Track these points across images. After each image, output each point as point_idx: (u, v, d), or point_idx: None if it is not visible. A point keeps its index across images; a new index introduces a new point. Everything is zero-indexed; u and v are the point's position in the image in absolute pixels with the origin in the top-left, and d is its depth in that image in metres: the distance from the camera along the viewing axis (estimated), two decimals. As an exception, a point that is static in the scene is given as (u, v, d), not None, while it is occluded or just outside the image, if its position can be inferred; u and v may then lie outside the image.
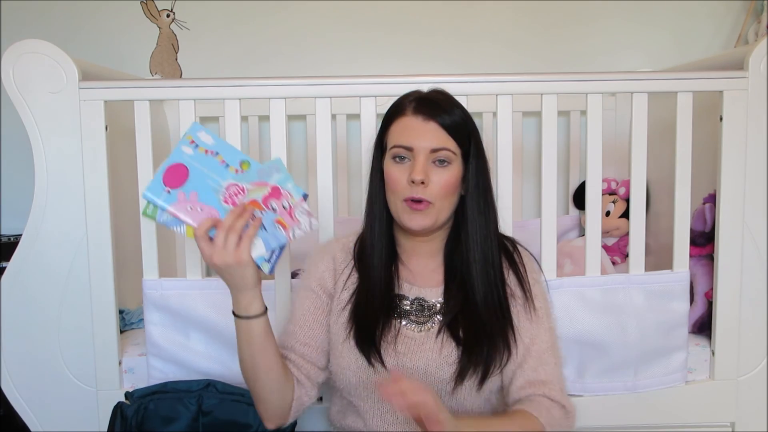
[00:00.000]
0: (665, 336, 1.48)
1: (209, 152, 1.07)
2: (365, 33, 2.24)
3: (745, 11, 2.20)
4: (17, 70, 1.39)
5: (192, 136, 1.07)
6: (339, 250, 1.27)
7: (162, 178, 1.05)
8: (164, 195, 1.04)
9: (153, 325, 1.46)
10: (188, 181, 1.05)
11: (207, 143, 1.07)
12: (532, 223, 2.14)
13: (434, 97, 1.18)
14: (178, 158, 1.06)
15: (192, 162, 1.06)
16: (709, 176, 1.56)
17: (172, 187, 1.04)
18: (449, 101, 1.18)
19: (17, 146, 2.16)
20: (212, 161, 1.07)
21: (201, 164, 1.07)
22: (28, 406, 1.48)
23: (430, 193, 1.13)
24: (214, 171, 1.08)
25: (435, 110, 1.14)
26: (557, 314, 1.44)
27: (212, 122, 2.22)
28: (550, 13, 2.24)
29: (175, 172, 1.05)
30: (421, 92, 1.20)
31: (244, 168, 1.09)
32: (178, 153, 1.06)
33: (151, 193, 1.05)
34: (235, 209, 1.05)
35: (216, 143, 1.08)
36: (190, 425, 1.29)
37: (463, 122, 1.16)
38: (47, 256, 1.44)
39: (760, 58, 1.43)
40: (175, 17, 2.22)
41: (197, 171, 1.06)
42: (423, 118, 1.14)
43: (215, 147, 1.08)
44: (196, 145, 1.07)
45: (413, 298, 1.20)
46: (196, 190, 1.06)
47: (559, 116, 1.47)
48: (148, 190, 1.05)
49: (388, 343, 1.16)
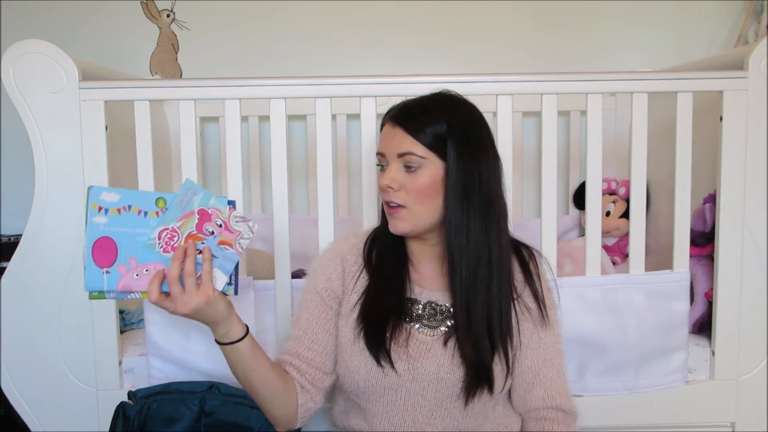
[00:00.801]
0: (665, 336, 1.48)
1: (122, 209, 1.00)
2: (365, 33, 2.24)
3: (745, 11, 2.20)
4: (17, 70, 1.39)
5: (96, 203, 0.99)
6: (349, 252, 1.25)
7: (93, 261, 0.98)
8: (105, 278, 0.99)
9: (153, 325, 1.46)
10: (119, 250, 0.99)
11: (114, 201, 1.00)
12: (532, 223, 2.14)
13: (411, 103, 1.15)
14: (95, 233, 0.99)
15: (111, 229, 1.00)
16: (709, 176, 1.56)
17: (108, 266, 0.99)
18: (426, 106, 1.13)
19: (17, 146, 2.16)
20: (130, 217, 1.01)
21: (121, 226, 1.00)
22: (28, 406, 1.48)
23: (403, 198, 1.12)
24: (137, 226, 1.01)
25: (403, 116, 1.12)
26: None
27: (212, 122, 2.22)
28: (550, 13, 2.24)
29: (102, 248, 0.99)
30: (409, 100, 1.18)
31: (161, 206, 1.03)
32: (94, 227, 0.99)
33: (92, 285, 0.99)
34: (177, 254, 1.01)
35: (122, 196, 1.01)
36: (192, 426, 1.29)
37: (437, 125, 1.10)
38: (47, 256, 1.44)
39: (760, 58, 1.43)
40: (175, 17, 2.22)
41: (122, 235, 1.00)
42: (392, 125, 1.14)
43: (124, 200, 1.01)
44: (105, 209, 0.99)
45: (425, 302, 1.19)
46: (132, 255, 1.00)
47: (559, 116, 1.47)
48: (88, 283, 0.99)
49: (399, 346, 1.15)
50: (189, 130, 1.43)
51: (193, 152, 1.44)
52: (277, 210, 1.46)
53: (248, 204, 2.16)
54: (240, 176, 1.44)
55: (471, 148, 1.11)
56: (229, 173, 1.44)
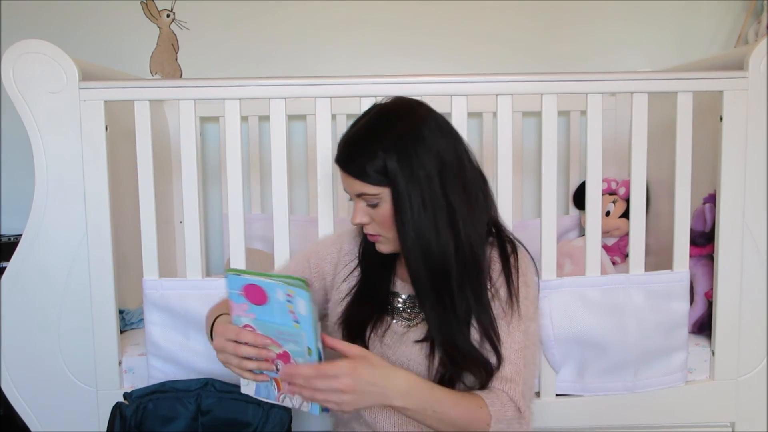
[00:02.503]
0: (665, 336, 1.48)
1: (292, 314, 0.99)
2: (365, 33, 2.24)
3: (745, 11, 2.20)
4: (17, 70, 1.39)
5: (293, 294, 0.98)
6: (348, 241, 1.28)
7: (244, 286, 0.99)
8: (235, 293, 1.01)
9: (153, 325, 1.46)
10: (259, 306, 1.00)
11: (299, 310, 0.99)
12: (532, 223, 2.14)
13: (348, 139, 1.13)
14: (269, 289, 0.99)
15: (274, 303, 1.00)
16: (709, 176, 1.56)
17: (245, 297, 1.01)
18: (361, 140, 1.10)
19: (17, 146, 2.16)
20: (288, 321, 1.00)
21: (277, 312, 1.00)
22: (28, 406, 1.48)
23: (375, 229, 1.14)
24: (281, 326, 1.01)
25: (344, 160, 1.11)
26: (557, 314, 1.45)
27: (212, 122, 2.22)
28: (550, 13, 2.24)
29: (256, 293, 1.00)
30: (347, 133, 1.14)
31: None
32: (272, 288, 0.99)
33: (229, 280, 1.00)
34: (258, 339, 1.02)
35: (305, 316, 0.99)
36: (189, 425, 1.29)
37: (375, 160, 1.07)
38: (47, 257, 1.44)
39: (760, 58, 1.43)
40: (175, 17, 2.22)
41: (270, 311, 1.01)
42: (340, 169, 1.13)
43: (302, 318, 0.99)
44: (290, 301, 0.98)
45: (406, 296, 1.21)
46: (255, 314, 1.02)
47: (559, 116, 1.47)
48: (229, 276, 1.00)
49: (377, 336, 1.17)
50: (189, 130, 1.43)
51: (193, 152, 1.44)
52: (277, 210, 1.46)
53: (248, 204, 2.16)
54: (240, 176, 1.44)
55: (413, 167, 1.06)
56: (229, 173, 1.44)
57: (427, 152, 1.07)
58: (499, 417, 1.08)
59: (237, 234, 1.46)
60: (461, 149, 1.13)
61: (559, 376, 1.49)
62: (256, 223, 2.13)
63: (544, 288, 1.46)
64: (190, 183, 1.44)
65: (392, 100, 1.14)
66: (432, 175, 1.07)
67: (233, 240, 1.46)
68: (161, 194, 1.95)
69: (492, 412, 1.07)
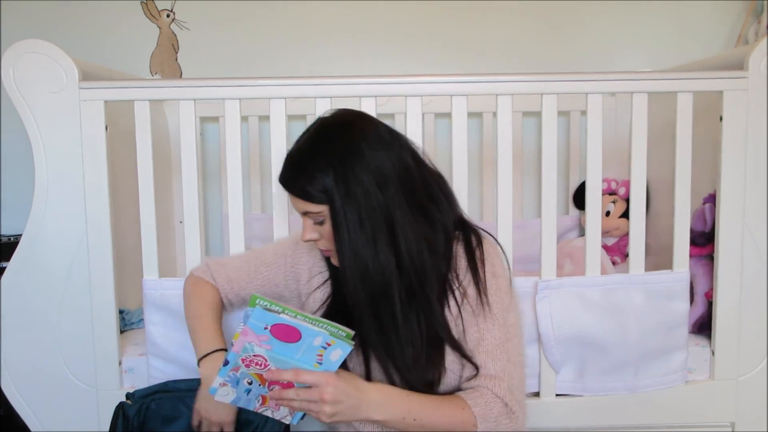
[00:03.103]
0: (665, 336, 1.48)
1: (319, 357, 1.00)
2: (365, 33, 2.24)
3: (745, 11, 2.20)
4: (17, 70, 1.39)
5: (333, 343, 0.98)
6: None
7: (274, 325, 0.96)
8: (258, 325, 0.97)
9: (153, 325, 1.46)
10: (283, 344, 0.98)
11: (331, 358, 1.00)
12: (532, 223, 2.14)
13: (290, 159, 1.12)
14: (306, 333, 0.98)
15: (304, 346, 0.99)
16: (709, 176, 1.56)
17: (270, 332, 0.97)
18: (301, 159, 1.10)
19: (17, 146, 2.16)
20: (310, 361, 1.00)
21: (303, 354, 1.00)
22: (28, 406, 1.48)
23: (325, 245, 1.14)
24: (299, 363, 1.01)
25: (286, 181, 1.11)
26: (557, 314, 1.44)
27: (212, 122, 2.22)
28: (550, 13, 2.24)
29: (288, 332, 0.98)
30: (289, 153, 1.13)
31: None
32: (311, 334, 0.98)
33: (255, 312, 0.96)
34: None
35: (332, 363, 1.00)
36: (191, 424, 1.29)
37: (314, 181, 1.07)
38: (47, 256, 1.44)
39: (760, 58, 1.43)
40: (175, 17, 2.22)
41: (295, 351, 1.00)
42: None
43: (326, 364, 1.01)
44: (324, 348, 0.99)
45: None
46: (273, 348, 0.99)
47: (559, 116, 1.47)
48: (256, 307, 0.97)
49: (353, 352, 1.15)
50: (189, 130, 1.43)
51: (193, 152, 1.44)
52: (277, 210, 1.46)
53: (248, 204, 2.16)
54: (240, 176, 1.44)
55: (349, 185, 1.05)
56: (229, 173, 1.44)
57: (365, 169, 1.06)
58: (485, 416, 1.07)
59: (237, 234, 1.46)
60: (406, 158, 1.11)
61: (559, 376, 1.49)
62: (256, 223, 2.13)
63: (544, 288, 1.46)
64: (190, 183, 1.44)
65: (333, 115, 1.14)
66: (370, 192, 1.06)
67: (233, 240, 1.46)
68: (161, 194, 1.95)
69: (476, 412, 1.06)
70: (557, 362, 1.47)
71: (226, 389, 1.05)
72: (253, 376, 1.03)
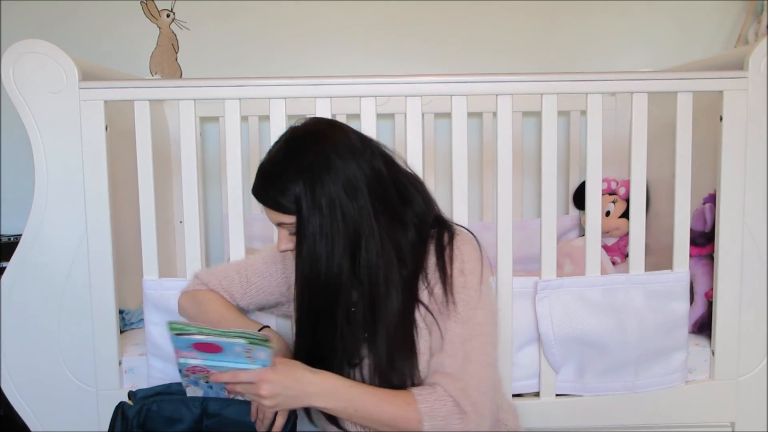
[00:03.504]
0: (665, 336, 1.48)
1: (251, 358, 1.07)
2: (365, 33, 2.24)
3: (745, 11, 2.20)
4: (17, 70, 1.39)
5: (254, 348, 1.05)
6: None
7: (194, 343, 1.05)
8: (183, 346, 1.07)
9: (153, 325, 1.46)
10: (213, 355, 1.07)
11: (258, 356, 1.06)
12: (532, 223, 2.14)
13: (262, 171, 1.13)
14: (225, 346, 1.06)
15: (229, 352, 1.07)
16: (709, 176, 1.56)
17: (196, 348, 1.07)
18: (274, 170, 1.11)
19: (17, 146, 2.16)
20: (243, 361, 1.08)
21: (233, 358, 1.07)
22: (28, 406, 1.49)
23: None
24: (234, 364, 1.08)
25: (259, 194, 1.12)
26: (557, 314, 1.44)
27: (212, 122, 2.22)
28: (550, 13, 2.24)
29: (209, 347, 1.07)
30: (261, 164, 1.13)
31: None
32: (229, 346, 1.06)
33: (176, 339, 1.06)
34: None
35: (263, 361, 1.07)
36: (192, 427, 1.29)
37: (286, 192, 1.08)
38: (47, 256, 1.44)
39: (760, 58, 1.43)
40: (175, 17, 2.22)
41: (224, 358, 1.08)
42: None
43: (257, 362, 1.07)
44: (248, 351, 1.06)
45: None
46: (207, 359, 1.08)
47: (559, 116, 1.47)
48: (174, 333, 1.05)
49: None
50: (189, 130, 1.43)
51: (193, 152, 1.44)
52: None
53: (248, 204, 2.16)
54: (240, 176, 1.44)
55: (316, 196, 1.07)
56: (229, 173, 1.44)
57: (333, 179, 1.07)
58: (432, 414, 1.05)
59: (237, 234, 1.46)
60: (378, 164, 1.12)
61: (559, 376, 1.49)
62: (256, 223, 2.13)
63: (544, 288, 1.46)
64: (190, 183, 1.44)
65: (304, 125, 1.14)
66: (337, 203, 1.07)
67: (233, 240, 1.46)
68: (161, 194, 1.95)
69: (421, 409, 1.04)
70: (557, 362, 1.47)
71: (192, 389, 1.13)
72: (203, 381, 1.12)
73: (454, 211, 1.44)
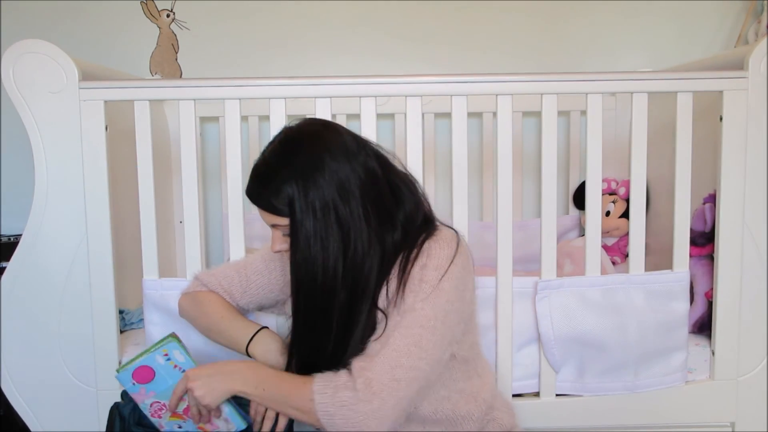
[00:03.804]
0: (665, 336, 1.48)
1: (177, 367, 1.16)
2: (365, 33, 2.24)
3: (745, 11, 2.20)
4: (17, 70, 1.39)
5: (167, 351, 1.16)
6: None
7: (132, 372, 1.15)
8: (129, 385, 1.16)
9: (153, 325, 1.46)
10: (152, 382, 1.16)
11: (178, 360, 1.17)
12: (532, 223, 2.14)
13: (256, 172, 1.12)
14: (150, 362, 1.15)
15: (160, 370, 1.16)
16: (709, 176, 1.56)
17: (138, 382, 1.15)
18: (267, 173, 1.10)
19: (17, 146, 2.16)
20: (178, 376, 1.16)
21: (166, 374, 1.16)
22: (28, 406, 1.49)
23: None
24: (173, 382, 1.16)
25: (253, 195, 1.12)
26: (557, 314, 1.45)
27: (212, 122, 2.22)
28: (550, 12, 2.24)
29: (144, 372, 1.15)
30: (254, 166, 1.13)
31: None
32: (152, 358, 1.15)
33: (120, 378, 1.15)
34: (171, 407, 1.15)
35: (185, 362, 1.17)
36: None
37: (279, 194, 1.07)
38: (47, 256, 1.44)
39: (760, 58, 1.43)
40: (175, 17, 2.22)
41: (161, 378, 1.16)
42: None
43: (183, 365, 1.17)
44: (168, 358, 1.16)
45: None
46: (155, 391, 1.16)
47: (559, 116, 1.47)
48: (119, 374, 1.15)
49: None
50: (189, 130, 1.43)
51: (193, 152, 1.44)
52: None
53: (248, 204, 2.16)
54: (240, 176, 1.44)
55: (309, 199, 1.06)
56: (229, 173, 1.44)
57: (327, 181, 1.07)
58: (324, 385, 1.04)
59: (237, 234, 1.46)
60: (372, 165, 1.11)
61: (559, 376, 1.49)
62: (256, 223, 2.13)
63: (544, 288, 1.46)
64: (190, 183, 1.44)
65: (298, 126, 1.14)
66: (331, 205, 1.06)
67: (233, 240, 1.46)
68: (161, 194, 1.95)
69: (315, 383, 1.05)
70: (557, 362, 1.47)
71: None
72: (170, 419, 1.17)
73: (454, 211, 1.44)
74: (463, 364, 1.19)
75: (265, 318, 1.41)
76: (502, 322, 1.46)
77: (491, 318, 1.47)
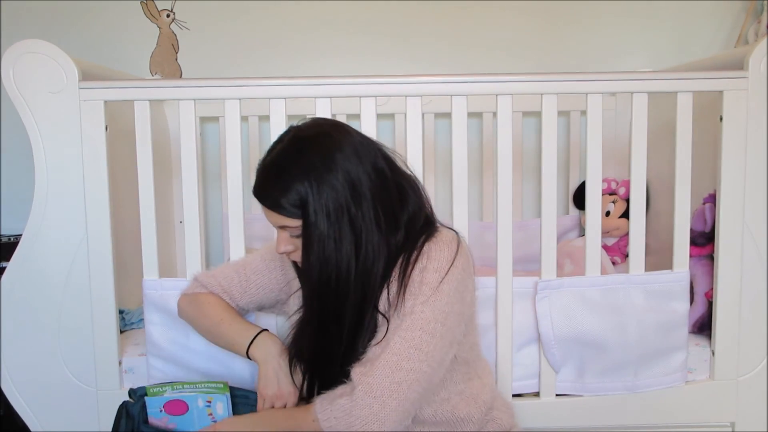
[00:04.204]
0: (665, 336, 1.48)
1: (211, 416, 1.17)
2: (365, 33, 2.24)
3: (745, 11, 2.20)
4: (17, 70, 1.39)
5: (213, 399, 1.17)
6: None
7: (166, 402, 1.16)
8: (156, 410, 1.17)
9: (153, 325, 1.46)
10: (180, 417, 1.17)
11: (218, 413, 1.17)
12: (532, 223, 2.14)
13: (264, 172, 1.11)
14: (189, 400, 1.17)
15: (195, 411, 1.17)
16: (709, 176, 1.56)
17: (167, 412, 1.16)
18: (276, 172, 1.09)
19: (17, 146, 2.16)
20: (206, 423, 1.17)
21: (198, 418, 1.17)
22: (28, 406, 1.49)
23: (299, 256, 1.13)
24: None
25: (261, 195, 1.10)
26: (557, 314, 1.45)
27: (212, 122, 2.22)
28: (550, 13, 2.24)
29: (177, 406, 1.16)
30: (262, 164, 1.12)
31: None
32: (193, 399, 1.17)
33: (150, 401, 1.17)
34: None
35: (222, 415, 1.17)
36: None
37: (289, 194, 1.06)
38: (47, 257, 1.44)
39: (760, 58, 1.43)
40: (175, 17, 2.22)
41: (191, 419, 1.18)
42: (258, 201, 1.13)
43: (219, 418, 1.17)
44: (209, 405, 1.17)
45: None
46: (178, 426, 1.17)
47: (559, 116, 1.47)
48: (149, 397, 1.17)
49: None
50: (189, 130, 1.43)
51: (193, 152, 1.44)
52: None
53: (248, 204, 2.16)
54: (240, 176, 1.44)
55: (322, 199, 1.05)
56: (229, 173, 1.44)
57: (340, 182, 1.06)
58: (323, 402, 1.06)
59: (237, 234, 1.46)
60: (381, 165, 1.11)
61: (559, 376, 1.49)
62: (256, 223, 2.13)
63: (544, 288, 1.46)
64: (190, 183, 1.44)
65: (307, 126, 1.12)
66: (342, 206, 1.06)
67: (233, 240, 1.46)
68: (161, 194, 1.95)
69: (315, 403, 1.07)
70: (557, 362, 1.47)
71: None
72: None
73: (454, 211, 1.44)
74: (464, 365, 1.19)
75: (265, 318, 1.41)
76: (502, 322, 1.46)
77: (491, 318, 1.47)
